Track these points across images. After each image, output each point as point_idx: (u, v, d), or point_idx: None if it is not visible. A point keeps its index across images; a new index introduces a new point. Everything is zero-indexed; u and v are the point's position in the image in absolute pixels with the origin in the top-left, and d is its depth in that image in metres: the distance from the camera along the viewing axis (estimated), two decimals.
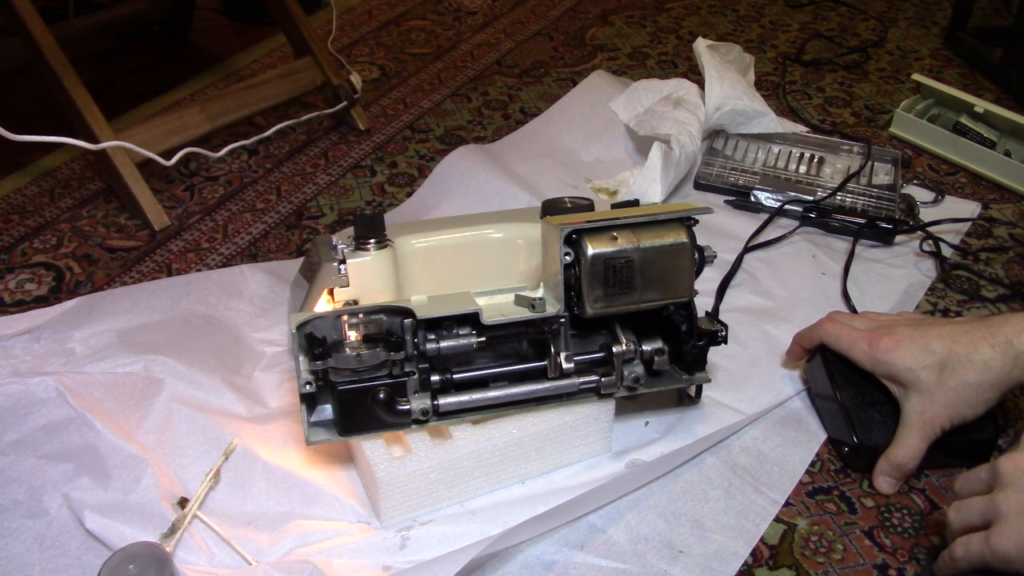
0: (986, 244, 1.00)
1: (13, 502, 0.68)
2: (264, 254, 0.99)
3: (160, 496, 0.68)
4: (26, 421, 0.73)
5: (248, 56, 1.38)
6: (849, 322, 0.77)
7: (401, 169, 1.13)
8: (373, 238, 0.72)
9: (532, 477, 0.73)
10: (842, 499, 0.73)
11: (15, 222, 1.02)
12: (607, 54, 1.40)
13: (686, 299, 0.70)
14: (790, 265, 0.97)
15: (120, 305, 0.85)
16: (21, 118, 0.92)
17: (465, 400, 0.69)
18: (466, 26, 1.47)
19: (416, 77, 1.33)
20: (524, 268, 0.77)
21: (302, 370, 0.65)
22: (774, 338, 0.86)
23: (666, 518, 0.70)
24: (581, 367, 0.71)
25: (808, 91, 1.30)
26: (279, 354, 0.84)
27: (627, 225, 0.67)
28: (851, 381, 0.75)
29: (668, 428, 0.78)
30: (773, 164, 1.09)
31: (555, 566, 0.66)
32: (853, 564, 0.68)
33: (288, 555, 0.66)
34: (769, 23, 1.49)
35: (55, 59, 0.98)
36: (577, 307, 0.68)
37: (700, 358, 0.73)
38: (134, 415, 0.75)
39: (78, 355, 0.80)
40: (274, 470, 0.72)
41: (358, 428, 0.68)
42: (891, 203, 1.02)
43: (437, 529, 0.69)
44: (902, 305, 0.92)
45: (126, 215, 1.03)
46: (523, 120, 1.22)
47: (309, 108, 1.18)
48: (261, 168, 1.13)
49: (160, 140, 1.02)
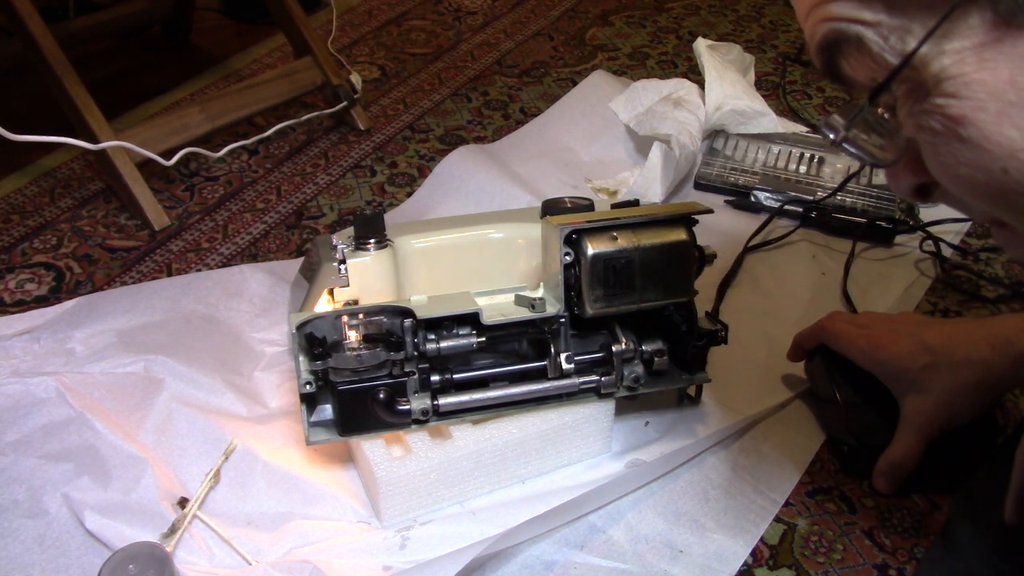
0: (986, 244, 1.00)
1: (13, 502, 0.68)
2: (264, 254, 0.99)
3: (160, 496, 0.68)
4: (26, 421, 0.73)
5: (248, 56, 1.38)
6: (849, 322, 0.77)
7: (401, 169, 1.13)
8: (373, 238, 0.72)
9: (532, 477, 0.73)
10: (842, 499, 0.73)
11: (15, 222, 1.02)
12: (607, 54, 1.40)
13: (686, 299, 0.70)
14: (790, 265, 0.97)
15: (120, 305, 0.85)
16: (21, 118, 0.92)
17: (465, 400, 0.69)
18: (466, 26, 1.47)
19: (416, 77, 1.33)
20: (524, 268, 0.77)
21: (302, 370, 0.65)
22: (774, 338, 0.86)
23: (666, 518, 0.70)
24: (581, 367, 0.71)
25: (808, 91, 1.30)
26: (279, 354, 0.84)
27: (627, 225, 0.67)
28: (851, 381, 0.75)
29: (668, 428, 0.78)
30: (773, 164, 1.09)
31: (555, 566, 0.66)
32: (853, 564, 0.68)
33: (288, 555, 0.66)
34: (769, 23, 1.49)
35: (55, 59, 0.98)
36: (577, 307, 0.68)
37: (700, 358, 0.73)
38: (134, 415, 0.75)
39: (78, 355, 0.80)
40: (274, 470, 0.72)
41: (358, 428, 0.68)
42: (891, 203, 1.02)
43: (437, 529, 0.69)
44: (902, 305, 0.92)
45: (126, 215, 1.03)
46: (523, 120, 1.22)
47: (309, 108, 1.18)
48: (261, 168, 1.13)
49: (160, 140, 1.02)
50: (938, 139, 0.38)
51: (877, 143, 0.40)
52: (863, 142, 0.40)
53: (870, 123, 0.40)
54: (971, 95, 0.35)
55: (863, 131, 0.40)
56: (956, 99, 0.36)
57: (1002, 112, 0.35)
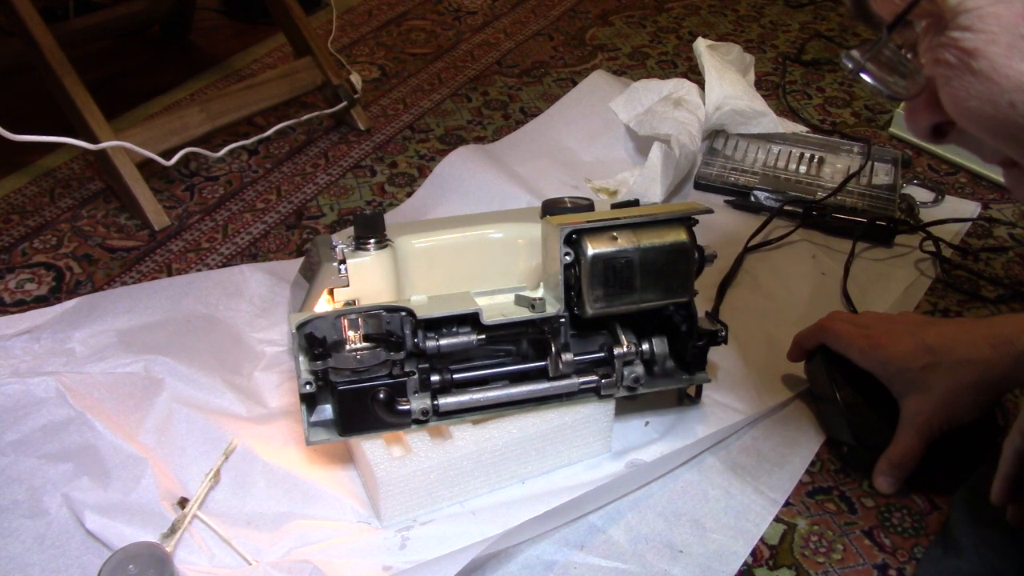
0: (986, 244, 1.00)
1: (13, 502, 0.68)
2: (264, 254, 0.99)
3: (160, 496, 0.68)
4: (26, 421, 0.73)
5: (248, 56, 1.38)
6: (849, 322, 0.77)
7: (401, 169, 1.13)
8: (373, 238, 0.72)
9: (532, 477, 0.73)
10: (842, 499, 0.73)
11: (15, 222, 1.02)
12: (607, 54, 1.40)
13: (686, 299, 0.70)
14: (790, 265, 0.97)
15: (120, 305, 0.85)
16: (21, 118, 0.92)
17: (465, 400, 0.69)
18: (466, 26, 1.47)
19: (416, 77, 1.33)
20: (524, 268, 0.77)
21: (302, 370, 0.65)
22: (774, 338, 0.86)
23: (666, 518, 0.70)
24: (581, 367, 0.71)
25: (808, 91, 1.30)
26: (279, 354, 0.84)
27: (627, 225, 0.67)
28: (851, 381, 0.75)
29: (668, 428, 0.78)
30: (773, 164, 1.09)
31: (555, 566, 0.66)
32: (853, 564, 0.68)
33: (288, 555, 0.66)
34: (769, 23, 1.49)
35: (55, 59, 0.98)
36: (577, 307, 0.68)
37: (700, 358, 0.73)
38: (134, 415, 0.75)
39: (78, 355, 0.80)
40: (274, 470, 0.72)
41: (358, 428, 0.68)
42: (891, 203, 1.02)
43: (437, 529, 0.69)
44: (902, 305, 0.92)
45: (126, 215, 1.03)
46: (523, 120, 1.22)
47: (309, 108, 1.18)
48: (261, 168, 1.13)
49: (160, 140, 1.02)
50: (952, 72, 0.39)
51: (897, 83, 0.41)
52: (881, 76, 0.41)
53: (891, 62, 0.41)
54: (985, 28, 0.37)
55: (885, 72, 0.41)
56: (971, 32, 0.37)
57: (1013, 45, 0.36)
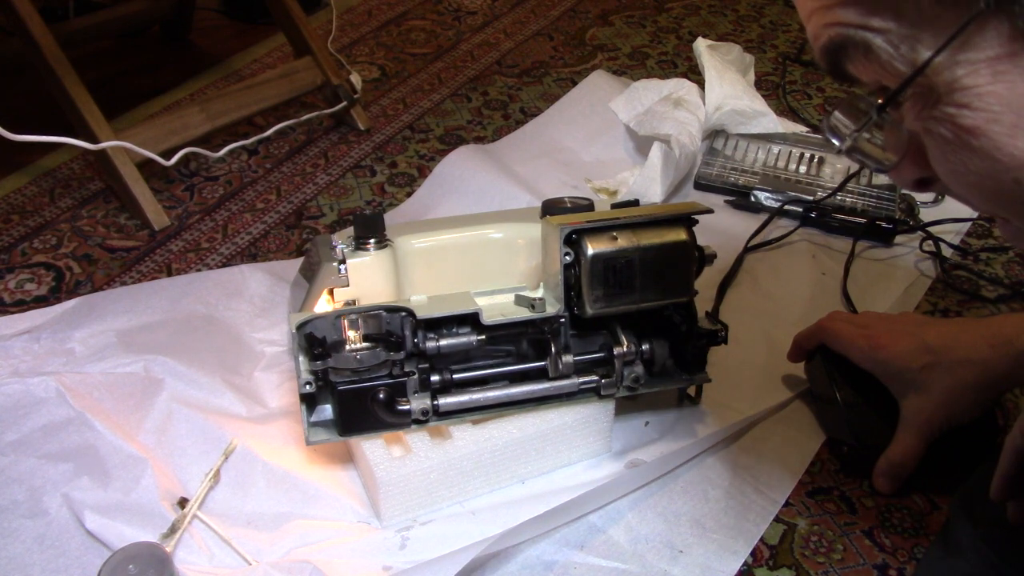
0: (986, 244, 1.00)
1: (13, 502, 0.68)
2: (264, 254, 0.99)
3: (160, 496, 0.68)
4: (26, 421, 0.73)
5: (248, 56, 1.38)
6: (849, 322, 0.77)
7: (401, 169, 1.13)
8: (373, 238, 0.72)
9: (532, 477, 0.73)
10: (842, 499, 0.73)
11: (15, 222, 1.02)
12: (607, 54, 1.40)
13: (686, 299, 0.70)
14: (790, 265, 0.97)
15: (120, 305, 0.85)
16: (21, 118, 0.92)
17: (465, 400, 0.69)
18: (466, 26, 1.47)
19: (416, 77, 1.33)
20: (524, 268, 0.77)
21: (302, 370, 0.65)
22: (774, 338, 0.86)
23: (666, 518, 0.70)
24: (581, 367, 0.71)
25: (808, 91, 1.30)
26: (279, 354, 0.84)
27: (627, 225, 0.67)
28: (851, 381, 0.75)
29: (668, 428, 0.78)
30: (773, 164, 1.09)
31: (555, 566, 0.66)
32: (853, 564, 0.68)
33: (288, 555, 0.66)
34: (769, 23, 1.49)
35: (55, 59, 0.98)
36: (577, 307, 0.68)
37: (700, 358, 0.73)
38: (134, 415, 0.75)
39: (78, 355, 0.80)
40: (274, 470, 0.72)
41: (358, 428, 0.68)
42: (891, 203, 1.02)
43: (437, 529, 0.69)
44: (902, 305, 0.92)
45: (126, 215, 1.03)
46: (523, 120, 1.22)
47: (309, 108, 1.18)
48: (261, 168, 1.13)
49: (160, 140, 1.02)
50: (947, 146, 0.37)
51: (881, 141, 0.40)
52: (869, 146, 0.40)
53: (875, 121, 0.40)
54: (985, 107, 0.35)
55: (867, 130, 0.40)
56: (969, 110, 0.36)
57: (1017, 125, 0.35)
